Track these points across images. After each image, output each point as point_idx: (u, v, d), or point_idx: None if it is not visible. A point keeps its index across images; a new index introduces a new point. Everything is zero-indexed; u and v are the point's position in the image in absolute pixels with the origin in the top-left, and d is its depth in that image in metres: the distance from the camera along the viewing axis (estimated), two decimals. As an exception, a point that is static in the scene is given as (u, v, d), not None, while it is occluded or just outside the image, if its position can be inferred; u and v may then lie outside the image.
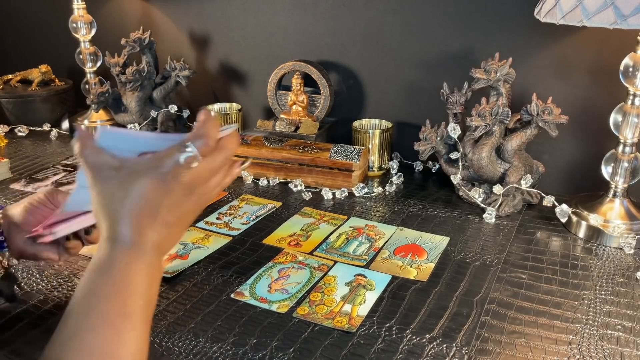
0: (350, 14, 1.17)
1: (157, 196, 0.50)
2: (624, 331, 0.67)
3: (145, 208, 0.50)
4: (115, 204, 0.50)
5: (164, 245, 0.52)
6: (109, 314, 0.47)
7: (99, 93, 1.29)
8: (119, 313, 0.47)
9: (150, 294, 0.50)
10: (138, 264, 0.50)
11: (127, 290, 0.48)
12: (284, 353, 0.63)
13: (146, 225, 0.50)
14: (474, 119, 0.92)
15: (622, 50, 0.85)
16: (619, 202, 0.90)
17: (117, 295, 0.48)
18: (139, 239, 0.50)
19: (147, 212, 0.50)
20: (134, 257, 0.50)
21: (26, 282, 0.77)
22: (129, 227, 0.50)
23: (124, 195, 0.50)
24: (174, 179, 0.50)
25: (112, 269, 0.49)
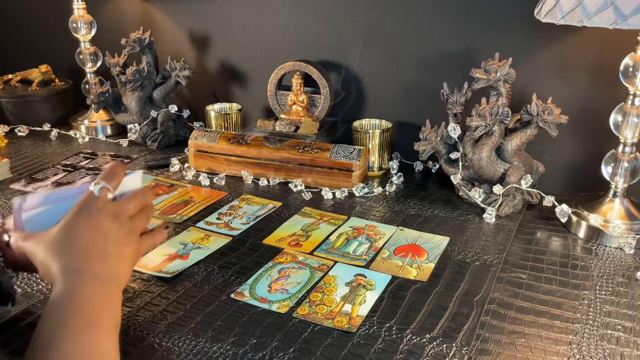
0: (350, 14, 1.17)
1: (90, 230, 0.60)
2: (624, 331, 0.67)
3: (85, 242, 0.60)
4: (61, 248, 0.60)
5: (114, 272, 0.61)
6: (77, 324, 0.54)
7: (99, 93, 1.29)
8: (85, 322, 0.54)
9: (111, 309, 0.58)
10: (93, 285, 0.58)
11: (88, 306, 0.56)
12: (284, 353, 0.63)
13: (91, 255, 0.60)
14: (474, 119, 0.92)
15: (622, 50, 0.85)
16: (619, 202, 0.90)
17: (80, 310, 0.55)
18: (88, 267, 0.59)
19: (87, 245, 0.60)
20: (87, 280, 0.58)
21: (26, 282, 0.77)
22: (77, 260, 0.59)
23: (66, 239, 0.60)
24: (97, 211, 0.61)
25: (71, 293, 0.56)
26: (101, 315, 0.56)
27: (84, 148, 1.29)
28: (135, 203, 0.66)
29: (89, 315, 0.55)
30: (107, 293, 0.59)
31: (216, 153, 1.12)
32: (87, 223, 0.61)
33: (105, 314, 0.57)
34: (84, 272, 0.59)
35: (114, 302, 0.60)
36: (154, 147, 1.28)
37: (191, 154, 1.14)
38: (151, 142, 1.28)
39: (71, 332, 0.53)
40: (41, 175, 1.13)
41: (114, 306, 0.59)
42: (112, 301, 0.59)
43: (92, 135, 1.37)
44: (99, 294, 0.58)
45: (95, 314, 0.56)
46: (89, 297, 0.57)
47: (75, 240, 0.60)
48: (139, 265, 0.81)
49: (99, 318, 0.56)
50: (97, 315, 0.56)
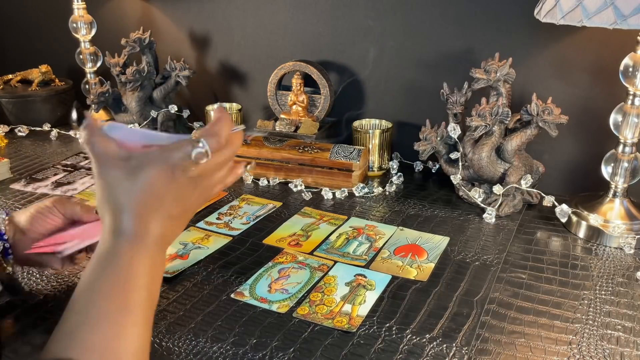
0: (350, 14, 1.17)
1: (163, 188, 0.50)
2: (624, 331, 0.67)
3: (150, 199, 0.50)
4: (120, 195, 0.50)
5: (166, 238, 0.52)
6: (109, 310, 0.47)
7: (99, 93, 1.29)
8: (120, 309, 0.47)
9: (152, 288, 0.50)
10: (141, 257, 0.49)
11: (128, 285, 0.48)
12: (284, 353, 0.63)
13: (150, 217, 0.50)
14: (474, 119, 0.92)
15: (622, 50, 0.85)
16: (619, 202, 0.90)
17: (119, 291, 0.48)
18: (142, 231, 0.50)
19: (152, 204, 0.50)
20: (137, 251, 0.49)
21: (26, 282, 0.77)
22: (133, 219, 0.50)
23: (130, 186, 0.50)
24: (182, 173, 0.51)
25: (115, 263, 0.49)
26: (141, 299, 0.48)
27: (84, 148, 1.29)
28: (223, 162, 0.55)
29: (127, 298, 0.47)
30: (155, 266, 0.50)
31: (216, 153, 1.12)
32: (167, 182, 0.50)
33: (146, 295, 0.48)
34: (141, 237, 0.50)
35: (158, 280, 0.51)
36: (154, 147, 1.28)
37: (191, 154, 1.14)
38: (151, 142, 1.28)
39: (103, 319, 0.46)
40: (41, 175, 1.13)
41: (157, 285, 0.51)
42: (156, 278, 0.51)
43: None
44: (146, 268, 0.49)
45: (134, 297, 0.48)
46: (135, 272, 0.49)
47: (152, 194, 0.50)
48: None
49: (137, 302, 0.48)
50: (137, 297, 0.48)
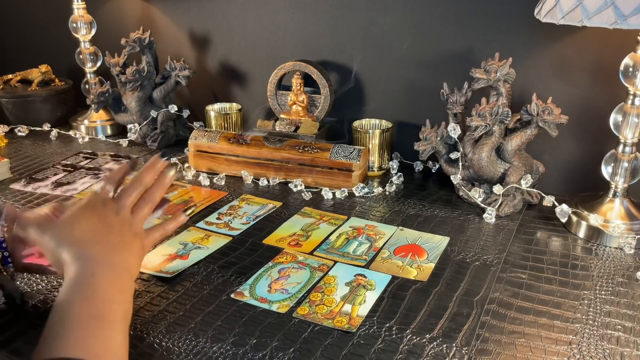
0: (350, 14, 1.17)
1: (95, 221, 0.63)
2: (624, 331, 0.67)
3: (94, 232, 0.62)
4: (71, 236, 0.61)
5: (126, 263, 0.62)
6: (84, 316, 0.54)
7: (99, 93, 1.29)
8: (92, 315, 0.54)
9: (119, 299, 0.57)
10: (105, 273, 0.58)
11: (95, 297, 0.55)
12: (284, 353, 0.63)
13: (101, 244, 0.61)
14: (474, 119, 0.92)
15: (622, 50, 0.85)
16: (619, 202, 0.90)
17: (88, 301, 0.55)
18: (99, 254, 0.60)
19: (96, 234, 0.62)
20: (99, 267, 0.58)
21: (26, 282, 0.77)
22: (88, 247, 0.60)
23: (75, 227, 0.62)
24: (102, 205, 0.65)
25: (81, 280, 0.56)
26: (110, 307, 0.55)
27: (83, 148, 1.29)
28: (134, 193, 0.67)
29: (97, 307, 0.54)
30: (119, 282, 0.59)
31: (216, 153, 1.12)
32: (92, 215, 0.63)
33: (115, 305, 0.56)
34: (95, 258, 0.59)
35: (126, 293, 0.59)
36: (154, 147, 1.28)
37: (191, 154, 1.14)
38: (151, 142, 1.28)
39: (78, 324, 0.53)
40: (41, 175, 1.13)
41: (125, 297, 0.59)
42: (123, 291, 0.59)
43: (92, 135, 1.37)
44: (110, 282, 0.57)
45: (104, 305, 0.55)
46: (99, 286, 0.56)
47: (84, 229, 0.61)
48: (139, 265, 0.81)
49: (108, 309, 0.55)
50: (106, 306, 0.55)
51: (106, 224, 0.63)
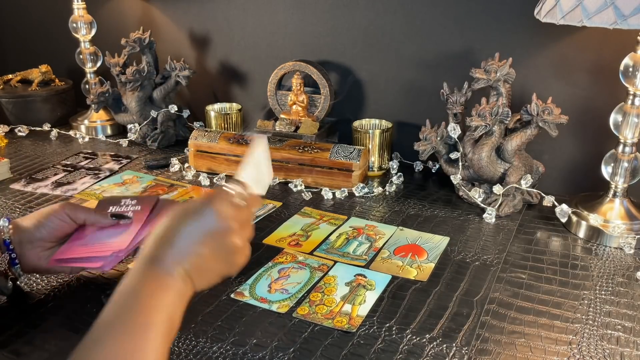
0: (350, 14, 1.17)
1: (206, 245, 0.56)
2: (624, 331, 0.67)
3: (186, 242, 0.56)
4: (169, 234, 0.56)
5: (194, 278, 0.56)
6: (131, 324, 0.50)
7: (99, 93, 1.29)
8: (142, 325, 0.50)
9: (172, 313, 0.53)
10: (166, 288, 0.53)
11: (151, 306, 0.51)
12: (284, 353, 0.63)
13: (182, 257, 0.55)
14: (474, 119, 0.92)
15: (622, 50, 0.85)
16: (619, 202, 0.90)
17: (143, 309, 0.51)
18: (173, 267, 0.54)
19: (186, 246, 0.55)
20: (163, 281, 0.53)
21: (26, 282, 0.77)
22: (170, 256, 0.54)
23: (178, 232, 0.56)
24: (228, 234, 0.57)
25: (142, 287, 0.53)
26: (158, 317, 0.51)
27: (84, 148, 1.29)
28: (248, 216, 0.62)
29: (145, 315, 0.50)
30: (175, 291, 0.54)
31: (216, 153, 1.12)
32: (210, 240, 0.56)
33: (164, 316, 0.51)
34: (160, 262, 0.54)
35: (178, 303, 0.54)
36: (154, 147, 1.28)
37: (191, 154, 1.14)
38: (151, 142, 1.28)
39: (121, 332, 0.49)
40: (41, 175, 1.13)
41: (177, 308, 0.54)
42: (176, 301, 0.54)
43: (92, 135, 1.37)
44: (166, 291, 0.53)
45: (153, 314, 0.51)
46: (152, 292, 0.52)
47: (189, 231, 0.56)
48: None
49: (155, 319, 0.51)
50: (155, 315, 0.51)
51: (218, 253, 0.57)
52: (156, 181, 1.10)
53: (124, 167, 1.17)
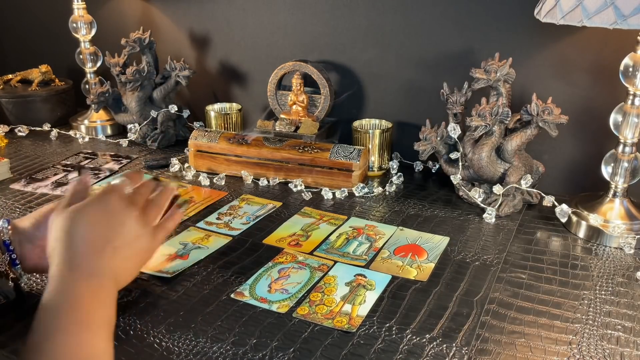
0: (350, 14, 1.17)
1: (104, 220, 0.62)
2: (624, 331, 0.67)
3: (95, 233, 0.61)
4: (70, 236, 0.60)
5: (114, 271, 0.61)
6: (66, 324, 0.53)
7: (99, 93, 1.29)
8: (75, 322, 0.54)
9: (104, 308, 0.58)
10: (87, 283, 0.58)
11: (79, 304, 0.55)
12: (284, 353, 0.63)
13: (94, 251, 0.60)
14: (474, 119, 0.92)
15: (622, 50, 0.85)
16: (619, 202, 0.90)
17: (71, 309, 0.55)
18: (86, 264, 0.59)
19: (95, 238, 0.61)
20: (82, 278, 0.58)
21: (26, 282, 0.76)
22: (79, 255, 0.59)
23: (79, 222, 0.61)
24: (116, 200, 0.63)
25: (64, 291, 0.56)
26: (93, 315, 0.55)
27: (84, 148, 1.29)
28: (147, 190, 0.68)
29: (79, 314, 0.54)
30: (101, 291, 0.58)
31: (216, 153, 1.12)
32: (103, 211, 0.62)
33: (98, 313, 0.56)
34: (80, 268, 0.58)
35: (108, 301, 0.59)
36: (154, 147, 1.28)
37: (191, 154, 1.14)
38: (151, 142, 1.28)
39: (60, 332, 0.52)
40: (41, 175, 1.13)
41: (108, 304, 0.58)
42: (105, 299, 0.58)
43: (92, 135, 1.37)
44: (92, 292, 0.57)
45: (86, 313, 0.55)
46: (81, 296, 0.56)
47: (86, 228, 0.60)
48: (139, 265, 0.81)
49: (90, 317, 0.55)
50: (89, 314, 0.55)
51: (115, 222, 0.62)
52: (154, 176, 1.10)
53: (124, 167, 1.17)
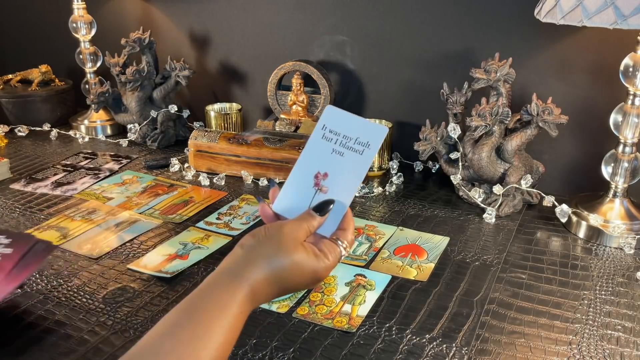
0: (350, 14, 1.17)
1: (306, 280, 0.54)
2: (624, 331, 0.67)
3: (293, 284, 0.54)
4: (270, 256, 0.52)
5: (260, 299, 0.53)
6: (190, 333, 0.47)
7: (99, 93, 1.29)
8: (200, 335, 0.47)
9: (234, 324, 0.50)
10: (233, 299, 0.50)
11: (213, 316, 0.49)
12: (284, 353, 0.63)
13: (272, 287, 0.53)
14: (474, 119, 0.92)
15: (622, 50, 0.85)
16: (619, 202, 0.90)
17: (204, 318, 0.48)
18: (253, 290, 0.51)
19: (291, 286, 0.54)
20: (241, 300, 0.50)
21: (26, 282, 0.76)
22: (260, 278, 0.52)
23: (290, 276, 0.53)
24: (324, 272, 0.55)
25: (212, 296, 0.50)
26: (219, 327, 0.48)
27: (83, 148, 1.29)
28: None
29: (203, 324, 0.48)
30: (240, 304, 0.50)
31: (216, 153, 1.12)
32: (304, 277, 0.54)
33: (225, 326, 0.48)
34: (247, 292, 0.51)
35: (240, 316, 0.51)
36: (153, 147, 1.28)
37: (191, 154, 1.14)
38: (151, 142, 1.28)
39: (178, 342, 0.46)
40: (41, 175, 1.13)
41: (238, 321, 0.50)
42: (239, 313, 0.50)
43: (92, 135, 1.37)
44: (231, 302, 0.50)
45: (214, 324, 0.48)
46: (218, 302, 0.49)
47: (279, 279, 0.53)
48: (139, 265, 0.81)
49: (215, 329, 0.48)
50: (216, 325, 0.48)
51: (303, 284, 0.55)
52: (156, 181, 1.10)
53: (124, 167, 1.17)
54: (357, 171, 0.58)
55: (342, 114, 0.59)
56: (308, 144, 0.59)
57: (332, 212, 0.58)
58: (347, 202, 0.59)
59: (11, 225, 0.92)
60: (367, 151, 0.58)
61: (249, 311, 0.52)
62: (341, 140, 0.58)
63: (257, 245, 0.54)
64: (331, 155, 0.58)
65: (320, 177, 0.59)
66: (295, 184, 0.58)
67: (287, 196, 0.59)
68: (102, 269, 0.80)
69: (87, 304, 0.72)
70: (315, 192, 0.58)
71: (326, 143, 0.58)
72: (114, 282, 0.77)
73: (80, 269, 0.80)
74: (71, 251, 0.85)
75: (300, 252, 0.53)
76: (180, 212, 0.97)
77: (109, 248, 0.86)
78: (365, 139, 0.58)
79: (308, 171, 0.58)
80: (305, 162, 0.58)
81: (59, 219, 0.95)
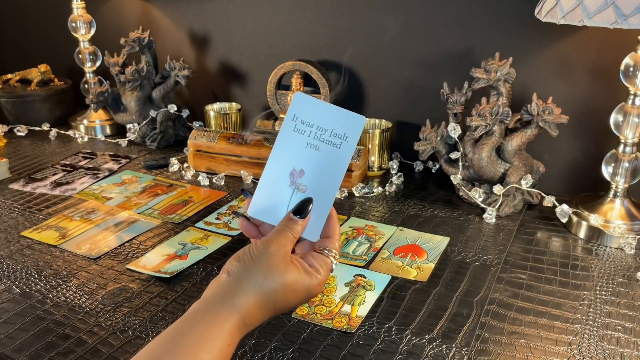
0: (350, 14, 1.16)
1: (300, 299, 0.53)
2: (624, 332, 0.67)
3: (286, 303, 0.52)
4: (260, 281, 0.51)
5: (251, 324, 0.52)
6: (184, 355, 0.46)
7: (98, 93, 1.28)
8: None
9: (223, 353, 0.49)
10: (221, 326, 0.49)
11: (199, 344, 0.47)
12: (283, 354, 0.63)
13: (264, 312, 0.51)
14: (474, 118, 0.92)
15: (623, 50, 0.85)
16: (620, 202, 0.90)
17: (191, 347, 0.47)
18: (244, 318, 0.50)
19: (273, 302, 0.52)
20: (232, 324, 0.49)
21: (25, 282, 0.76)
22: (251, 305, 0.50)
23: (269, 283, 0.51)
24: (316, 289, 0.54)
25: (197, 323, 0.49)
26: (199, 355, 0.46)
27: (83, 148, 1.29)
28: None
29: (186, 352, 0.46)
30: (231, 330, 0.49)
31: (215, 153, 1.12)
32: (297, 296, 0.53)
33: (213, 355, 0.47)
34: (238, 315, 0.50)
35: (232, 342, 0.49)
36: (153, 146, 1.28)
37: (190, 153, 1.14)
38: (150, 141, 1.28)
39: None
40: (40, 175, 1.13)
41: (229, 348, 0.49)
42: (230, 340, 0.49)
43: (91, 135, 1.37)
44: (220, 329, 0.48)
45: (201, 353, 0.46)
46: (205, 329, 0.48)
47: (272, 302, 0.51)
48: (138, 265, 0.80)
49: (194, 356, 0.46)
50: (194, 353, 0.46)
51: (293, 303, 0.53)
52: (155, 181, 1.10)
53: (123, 167, 1.17)
54: (336, 167, 0.54)
55: (313, 102, 0.55)
56: (279, 138, 0.54)
57: (314, 214, 0.54)
58: (329, 201, 0.54)
59: (10, 225, 0.92)
60: (345, 144, 0.54)
61: (239, 338, 0.50)
62: (315, 132, 0.54)
63: (244, 271, 0.51)
64: (306, 149, 0.54)
65: (296, 174, 0.55)
66: (269, 183, 0.55)
67: (262, 197, 0.55)
68: (101, 269, 0.80)
69: (86, 304, 0.72)
70: (293, 192, 0.55)
71: (299, 136, 0.54)
72: (112, 282, 0.77)
73: (79, 269, 0.80)
74: (70, 251, 0.84)
75: (291, 271, 0.51)
76: (179, 212, 0.97)
77: (108, 248, 0.85)
78: (342, 130, 0.54)
79: (282, 168, 0.55)
80: (278, 158, 0.55)
81: (58, 218, 0.94)
